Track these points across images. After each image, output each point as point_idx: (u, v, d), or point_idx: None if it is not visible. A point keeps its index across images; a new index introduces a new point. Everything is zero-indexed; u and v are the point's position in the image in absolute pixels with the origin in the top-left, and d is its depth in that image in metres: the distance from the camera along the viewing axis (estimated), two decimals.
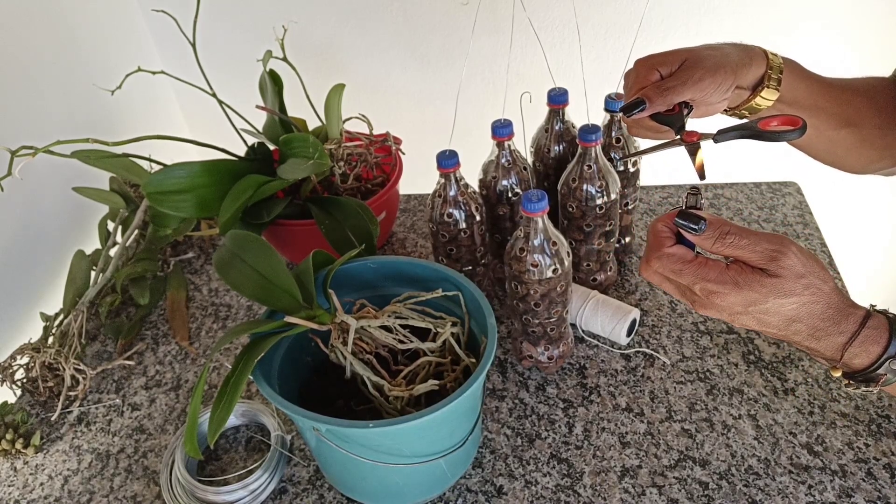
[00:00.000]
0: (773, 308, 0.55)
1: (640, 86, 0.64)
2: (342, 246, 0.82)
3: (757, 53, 0.67)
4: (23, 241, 0.97)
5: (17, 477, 0.78)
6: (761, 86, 0.67)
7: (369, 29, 1.29)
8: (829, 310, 0.56)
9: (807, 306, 0.55)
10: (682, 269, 0.57)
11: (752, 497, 0.68)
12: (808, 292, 0.55)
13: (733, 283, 0.55)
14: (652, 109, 0.62)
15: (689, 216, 0.56)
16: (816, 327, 0.56)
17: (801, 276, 0.54)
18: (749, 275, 0.55)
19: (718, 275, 0.55)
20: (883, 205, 1.41)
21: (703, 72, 0.63)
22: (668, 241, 0.58)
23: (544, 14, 1.24)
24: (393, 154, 1.00)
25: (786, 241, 0.55)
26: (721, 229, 0.55)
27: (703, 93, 0.63)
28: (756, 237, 0.55)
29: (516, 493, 0.70)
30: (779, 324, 0.56)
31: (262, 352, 0.62)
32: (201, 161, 0.83)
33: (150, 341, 0.94)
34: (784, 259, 0.54)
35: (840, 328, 0.56)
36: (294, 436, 0.78)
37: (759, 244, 0.55)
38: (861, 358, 0.56)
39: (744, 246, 0.55)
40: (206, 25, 0.92)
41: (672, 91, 0.62)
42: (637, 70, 0.66)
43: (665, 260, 0.57)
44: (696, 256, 0.57)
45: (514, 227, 0.88)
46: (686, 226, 0.56)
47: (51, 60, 1.05)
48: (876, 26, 1.20)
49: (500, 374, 0.83)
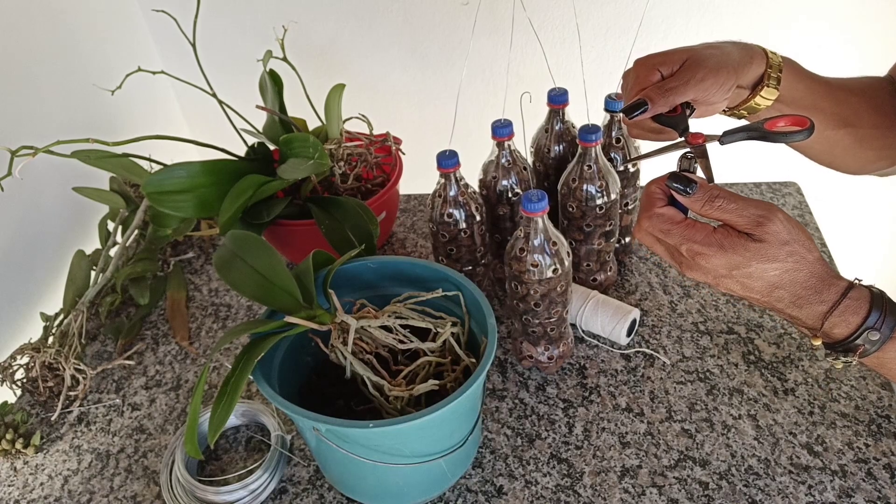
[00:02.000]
0: (756, 273, 0.56)
1: (641, 87, 0.64)
2: (342, 246, 0.82)
3: (757, 52, 0.67)
4: (23, 241, 0.97)
5: (17, 477, 0.78)
6: (761, 85, 0.67)
7: (369, 29, 1.29)
8: (811, 279, 0.57)
9: (790, 273, 0.56)
10: (671, 230, 0.58)
11: (752, 497, 0.68)
12: (791, 259, 0.56)
13: (718, 245, 0.56)
14: (654, 111, 0.62)
15: (680, 178, 0.58)
16: (798, 295, 0.57)
17: (785, 243, 0.56)
18: (734, 238, 0.56)
19: (705, 237, 0.57)
20: (883, 205, 1.41)
21: (706, 71, 0.62)
22: (660, 203, 0.60)
23: (544, 14, 1.24)
24: (393, 154, 1.00)
25: (773, 207, 0.56)
26: (711, 192, 0.57)
27: (706, 93, 0.63)
28: (744, 202, 0.56)
29: (516, 493, 0.70)
30: (762, 289, 0.57)
31: (262, 352, 0.62)
32: (201, 161, 0.83)
33: (150, 341, 0.94)
34: (769, 225, 0.55)
35: (821, 297, 0.57)
36: (294, 436, 0.78)
37: (747, 209, 0.56)
38: (841, 328, 0.57)
39: (731, 210, 0.56)
40: (206, 25, 0.92)
41: (674, 91, 0.62)
42: (637, 71, 0.66)
43: (655, 220, 0.59)
44: (686, 219, 0.59)
45: (514, 227, 0.88)
46: (677, 188, 0.58)
47: (51, 60, 1.05)
48: (876, 26, 1.20)
49: (500, 374, 0.83)
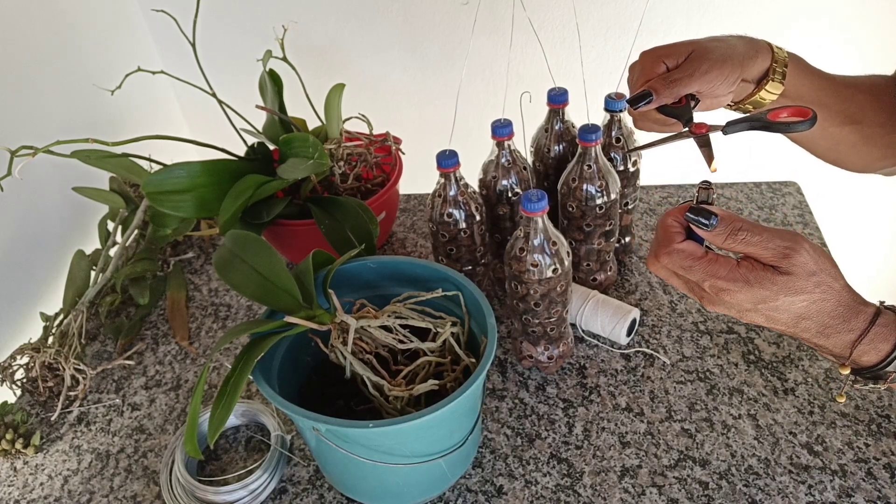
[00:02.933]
0: (783, 305, 0.55)
1: (647, 78, 0.64)
2: (342, 246, 0.82)
3: (762, 46, 0.67)
4: (23, 241, 0.97)
5: (17, 477, 0.78)
6: (766, 79, 0.67)
7: (369, 29, 1.29)
8: (839, 307, 0.55)
9: (817, 304, 0.55)
10: (693, 266, 0.56)
11: (752, 497, 0.68)
12: (818, 290, 0.54)
13: (744, 280, 0.54)
14: (659, 102, 0.62)
15: (700, 211, 0.55)
16: (826, 324, 0.55)
17: (812, 274, 0.54)
18: (760, 272, 0.54)
19: (729, 272, 0.55)
20: (883, 204, 1.41)
21: (710, 64, 0.62)
22: (679, 237, 0.57)
23: (544, 14, 1.24)
24: (393, 154, 1.00)
25: (798, 237, 0.54)
26: (733, 225, 0.55)
27: (710, 85, 0.63)
28: (768, 233, 0.54)
29: (516, 493, 0.70)
30: (788, 321, 0.56)
31: (262, 352, 0.62)
32: (201, 161, 0.82)
33: (150, 341, 0.94)
34: (796, 256, 0.53)
35: (850, 326, 0.55)
36: (294, 436, 0.78)
37: (772, 241, 0.54)
38: (870, 355, 0.56)
39: (756, 243, 0.54)
40: (206, 25, 0.92)
41: (679, 83, 0.62)
42: (643, 62, 0.66)
43: (675, 256, 0.56)
44: (706, 252, 0.56)
45: (514, 227, 0.88)
46: (697, 221, 0.55)
47: (51, 60, 1.05)
48: (876, 25, 1.20)
49: (500, 374, 0.83)
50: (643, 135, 0.87)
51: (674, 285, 0.60)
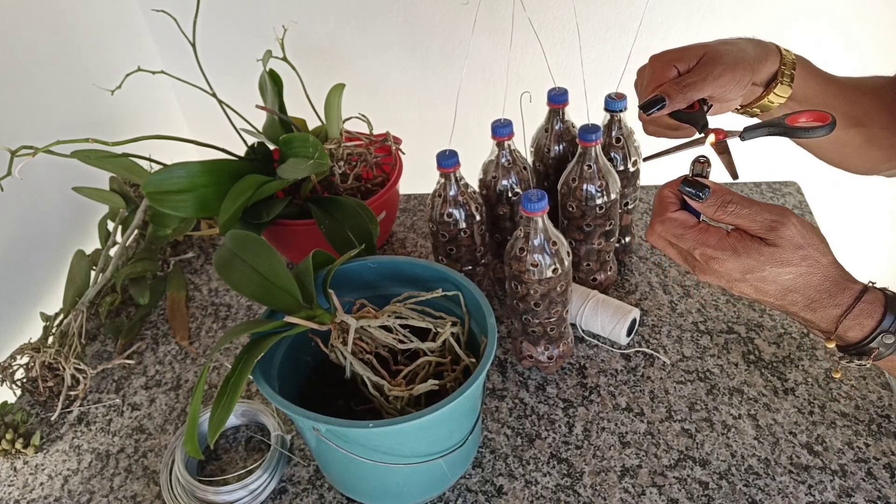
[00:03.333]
0: (770, 276, 0.56)
1: (658, 83, 0.64)
2: (342, 246, 0.82)
3: (771, 49, 0.66)
4: (23, 241, 0.97)
5: (17, 477, 0.78)
6: (775, 82, 0.67)
7: (369, 29, 1.29)
8: (825, 282, 0.57)
9: (804, 277, 0.56)
10: (684, 234, 0.58)
11: (752, 497, 0.68)
12: (805, 263, 0.56)
13: (732, 249, 0.56)
14: (672, 107, 0.62)
15: (693, 183, 0.58)
16: (812, 298, 0.57)
17: (799, 247, 0.55)
18: (748, 242, 0.56)
19: (718, 241, 0.57)
20: (883, 205, 1.41)
21: (723, 68, 0.62)
22: (673, 207, 0.60)
23: (544, 14, 1.24)
24: (393, 154, 1.00)
25: (787, 212, 0.56)
26: (724, 198, 0.57)
27: (723, 89, 0.63)
28: (757, 207, 0.56)
29: (516, 493, 0.70)
30: (776, 293, 0.57)
31: (262, 352, 0.62)
32: (201, 161, 0.82)
33: (150, 341, 0.94)
34: (783, 229, 0.55)
35: (836, 301, 0.57)
36: (294, 436, 0.78)
37: (760, 214, 0.56)
38: (855, 331, 0.57)
39: (745, 215, 0.56)
40: (206, 25, 0.92)
41: (692, 87, 0.62)
42: (653, 66, 0.65)
43: (668, 224, 0.59)
44: (699, 223, 0.59)
45: (514, 227, 0.88)
46: (690, 192, 0.58)
47: (51, 60, 1.05)
48: (876, 27, 1.20)
49: (500, 374, 0.83)
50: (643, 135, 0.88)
51: (670, 256, 0.62)
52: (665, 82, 0.63)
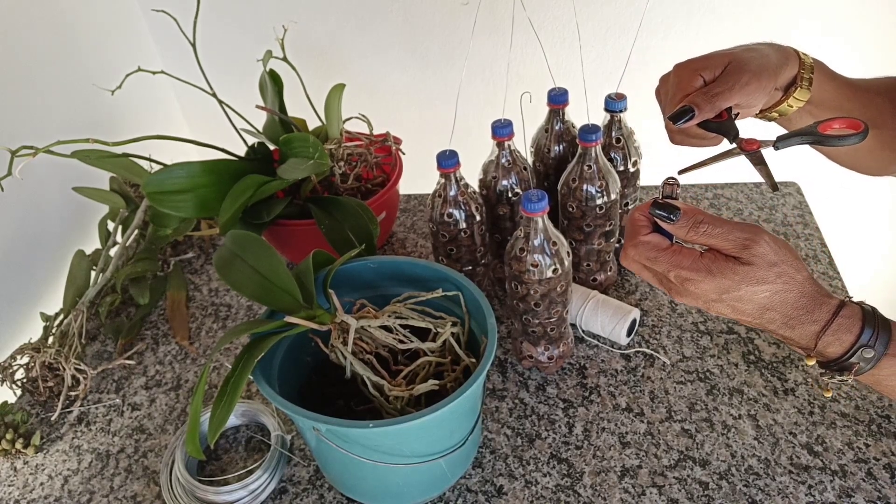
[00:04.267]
0: (746, 296, 0.56)
1: (685, 92, 0.63)
2: (342, 246, 0.82)
3: (791, 53, 0.66)
4: (23, 241, 0.97)
5: (17, 477, 0.78)
6: (794, 86, 0.66)
7: (369, 29, 1.29)
8: (802, 298, 0.56)
9: (780, 294, 0.56)
10: (657, 257, 0.58)
11: (752, 497, 0.68)
12: (780, 280, 0.55)
13: (707, 270, 0.56)
14: (701, 117, 0.61)
15: (663, 206, 0.58)
16: (790, 315, 0.57)
17: (773, 265, 0.55)
18: (722, 262, 0.56)
19: (692, 262, 0.56)
20: (883, 205, 1.41)
21: (750, 75, 0.62)
22: (644, 230, 0.59)
23: (544, 14, 1.24)
24: (393, 154, 1.00)
25: (758, 229, 0.56)
26: (695, 218, 0.56)
27: (750, 97, 0.62)
28: (729, 226, 0.56)
29: (516, 493, 0.70)
30: (753, 311, 0.57)
31: (262, 352, 0.62)
32: (201, 161, 0.83)
33: (150, 341, 0.94)
34: (756, 247, 0.55)
35: (813, 317, 0.56)
36: (294, 436, 0.78)
37: (732, 233, 0.56)
38: (834, 347, 0.57)
39: (717, 235, 0.56)
40: (206, 25, 0.92)
41: (720, 97, 0.61)
42: (678, 76, 0.65)
43: (641, 248, 0.58)
44: (672, 245, 0.58)
45: (514, 227, 0.88)
46: (661, 215, 0.58)
47: (51, 60, 1.05)
48: (877, 27, 1.20)
49: (500, 374, 0.83)
50: (643, 135, 0.88)
51: (645, 279, 0.61)
52: (692, 92, 0.63)
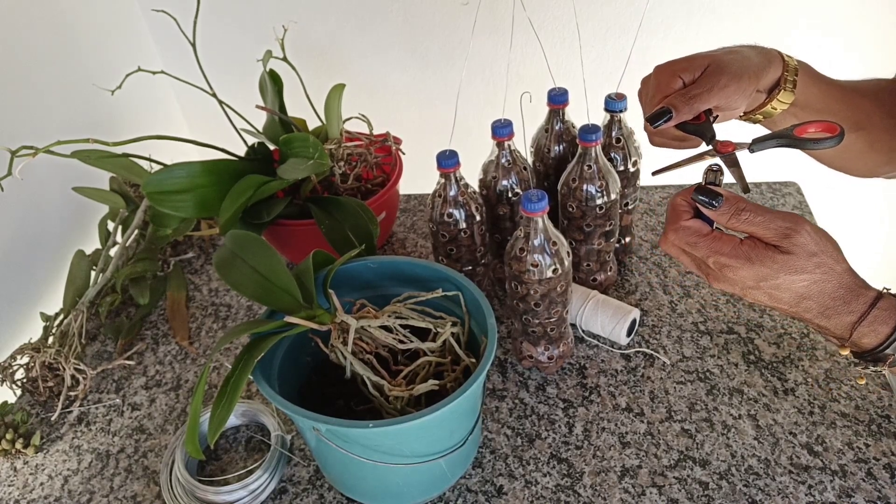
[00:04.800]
0: (784, 284, 0.56)
1: (664, 94, 0.63)
2: (342, 246, 0.82)
3: (774, 56, 0.66)
4: (23, 241, 0.97)
5: (17, 477, 0.78)
6: (778, 89, 0.66)
7: (369, 29, 1.29)
8: (840, 289, 0.57)
9: (818, 284, 0.56)
10: (697, 242, 0.58)
11: (752, 497, 0.68)
12: (819, 270, 0.56)
13: (746, 257, 0.56)
14: (678, 119, 0.62)
15: (706, 192, 0.58)
16: (826, 305, 0.57)
17: (813, 255, 0.56)
18: (762, 250, 0.56)
19: (732, 249, 0.57)
20: (882, 205, 1.41)
21: (728, 77, 0.62)
22: (686, 215, 0.60)
23: (544, 14, 1.24)
24: (393, 154, 1.00)
25: (800, 219, 0.56)
26: (737, 206, 0.57)
27: (729, 99, 0.62)
28: (771, 215, 0.56)
29: (516, 493, 0.70)
30: (790, 300, 0.57)
31: (262, 352, 0.62)
32: (201, 161, 0.83)
33: (150, 341, 0.94)
34: (797, 237, 0.55)
35: (850, 307, 0.57)
36: (294, 436, 0.78)
37: (774, 221, 0.56)
38: (870, 338, 0.57)
39: (758, 223, 0.56)
40: (206, 25, 0.92)
41: (698, 99, 0.61)
42: (658, 77, 0.65)
43: (681, 232, 0.59)
44: (712, 231, 0.59)
45: (514, 227, 0.88)
46: (703, 201, 0.58)
47: (51, 60, 1.05)
48: (876, 27, 1.20)
49: (500, 374, 0.83)
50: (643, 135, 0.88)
51: (683, 263, 0.62)
52: (671, 93, 0.63)
